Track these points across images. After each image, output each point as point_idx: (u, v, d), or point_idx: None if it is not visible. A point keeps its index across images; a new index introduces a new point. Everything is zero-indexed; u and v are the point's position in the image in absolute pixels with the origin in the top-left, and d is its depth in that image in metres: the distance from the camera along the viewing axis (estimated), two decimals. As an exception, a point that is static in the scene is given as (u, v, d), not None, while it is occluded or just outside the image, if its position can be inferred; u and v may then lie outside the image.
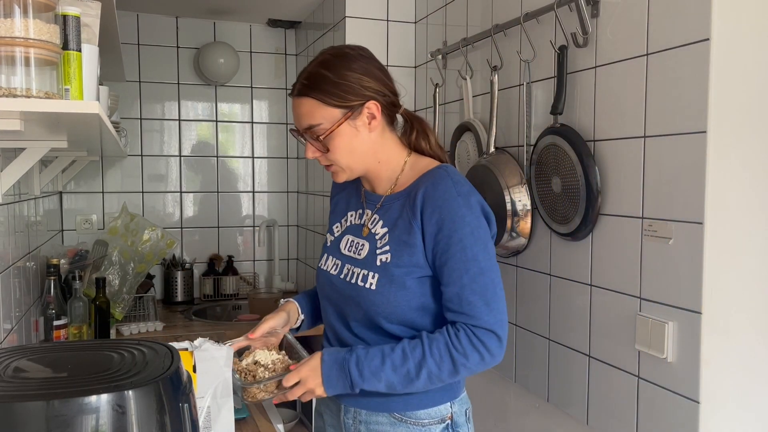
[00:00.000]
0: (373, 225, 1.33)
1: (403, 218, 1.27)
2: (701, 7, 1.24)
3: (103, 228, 3.08)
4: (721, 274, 1.26)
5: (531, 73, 1.78)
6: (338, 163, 1.29)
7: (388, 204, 1.32)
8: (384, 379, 1.21)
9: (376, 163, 1.32)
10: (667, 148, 1.33)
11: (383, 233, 1.30)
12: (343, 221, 1.41)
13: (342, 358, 1.24)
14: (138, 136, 3.16)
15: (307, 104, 1.26)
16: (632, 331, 1.43)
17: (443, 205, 1.22)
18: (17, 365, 0.85)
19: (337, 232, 1.41)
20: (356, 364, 1.22)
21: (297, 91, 1.27)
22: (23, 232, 1.94)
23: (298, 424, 2.92)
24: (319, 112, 1.25)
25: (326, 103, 1.24)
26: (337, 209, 1.45)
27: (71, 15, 1.02)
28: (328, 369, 1.24)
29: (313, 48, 3.05)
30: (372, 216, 1.34)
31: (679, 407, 1.31)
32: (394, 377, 1.21)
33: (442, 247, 1.22)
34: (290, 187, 3.44)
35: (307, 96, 1.25)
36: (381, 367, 1.21)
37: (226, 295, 3.22)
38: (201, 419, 1.19)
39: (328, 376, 1.23)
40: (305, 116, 1.26)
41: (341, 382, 1.23)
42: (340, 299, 1.35)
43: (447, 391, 1.32)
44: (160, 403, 0.80)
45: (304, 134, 1.28)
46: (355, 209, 1.40)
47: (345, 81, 1.24)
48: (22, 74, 0.94)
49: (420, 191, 1.25)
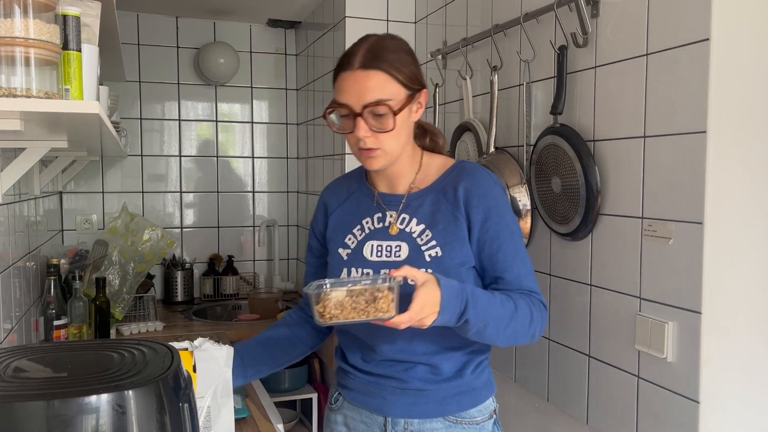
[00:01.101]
0: (404, 224, 1.29)
1: (443, 212, 1.26)
2: (701, 7, 1.24)
3: (103, 228, 3.08)
4: (721, 274, 1.26)
5: (531, 73, 1.78)
6: (387, 147, 1.23)
7: (415, 202, 1.29)
8: (492, 311, 1.16)
9: (405, 156, 1.29)
10: (667, 148, 1.33)
11: (421, 230, 1.26)
12: (356, 231, 1.33)
13: (458, 284, 1.13)
14: (138, 136, 3.16)
15: (376, 77, 1.19)
16: (632, 331, 1.43)
17: (487, 194, 1.25)
18: (17, 365, 0.85)
19: (352, 243, 1.33)
20: (472, 292, 1.14)
21: (365, 63, 1.20)
22: (23, 232, 1.94)
23: (298, 424, 2.92)
24: (389, 88, 1.20)
25: (397, 81, 1.20)
26: (342, 222, 1.37)
27: (71, 15, 1.02)
28: (448, 294, 1.10)
29: (313, 48, 3.05)
30: (399, 216, 1.30)
31: (678, 407, 1.31)
32: (501, 311, 1.17)
33: (492, 234, 1.24)
34: (290, 187, 3.44)
35: (379, 69, 1.19)
36: (491, 300, 1.17)
37: (226, 295, 3.22)
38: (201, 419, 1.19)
39: (447, 299, 1.09)
40: (374, 89, 1.19)
41: (456, 310, 1.11)
42: None
43: (490, 386, 1.35)
44: (160, 403, 0.80)
45: (363, 111, 1.19)
46: (371, 215, 1.33)
47: (410, 64, 1.23)
48: (22, 74, 0.94)
49: (460, 185, 1.26)
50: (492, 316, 1.16)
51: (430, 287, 1.08)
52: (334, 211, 1.40)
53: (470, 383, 1.31)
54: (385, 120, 1.20)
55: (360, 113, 1.20)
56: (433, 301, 1.08)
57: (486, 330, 1.16)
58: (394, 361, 1.29)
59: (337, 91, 1.24)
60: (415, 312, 1.06)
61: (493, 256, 1.24)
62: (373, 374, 1.32)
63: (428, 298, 1.07)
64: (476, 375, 1.32)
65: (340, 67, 1.23)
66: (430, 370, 1.29)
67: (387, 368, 1.31)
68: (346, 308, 1.04)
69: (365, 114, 1.20)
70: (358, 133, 1.21)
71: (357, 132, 1.21)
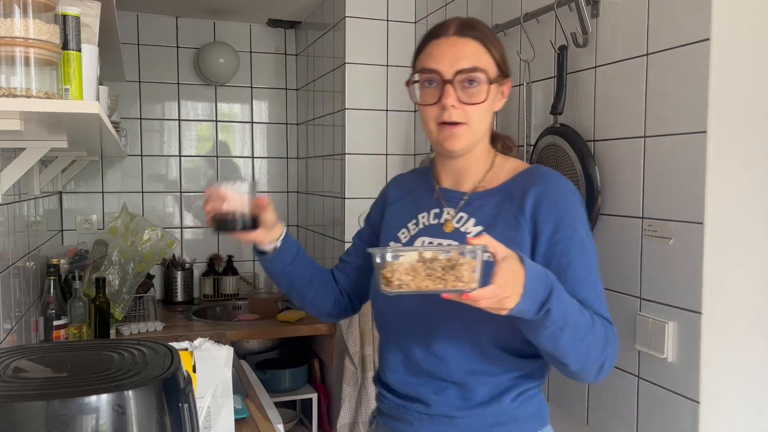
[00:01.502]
0: (461, 222, 1.18)
1: (504, 215, 1.15)
2: (701, 7, 1.24)
3: (103, 228, 3.08)
4: (721, 274, 1.26)
5: (531, 73, 1.78)
6: (473, 122, 1.13)
7: (478, 201, 1.19)
8: (571, 314, 1.00)
9: (480, 148, 1.20)
10: (667, 148, 1.33)
11: (477, 232, 1.15)
12: (410, 225, 1.25)
13: (540, 267, 0.98)
14: (138, 136, 3.16)
15: (473, 45, 1.13)
16: (632, 331, 1.43)
17: (560, 202, 1.11)
18: (17, 365, 0.85)
19: (404, 237, 1.24)
20: (555, 280, 0.98)
21: (461, 31, 1.13)
22: (23, 232, 1.94)
23: (298, 424, 2.92)
24: (484, 60, 1.13)
25: (491, 55, 1.14)
26: (399, 215, 1.28)
27: (71, 15, 1.02)
28: (532, 275, 0.94)
29: (313, 48, 3.05)
30: (457, 214, 1.19)
31: (679, 407, 1.31)
32: (580, 318, 1.01)
33: (562, 248, 1.09)
34: (290, 187, 3.44)
35: (476, 40, 1.13)
36: (571, 301, 1.01)
37: (226, 295, 3.22)
38: (201, 419, 1.19)
39: (532, 281, 0.93)
40: (470, 56, 1.12)
41: (539, 296, 0.95)
42: (422, 313, 1.16)
43: (539, 418, 1.19)
44: (160, 403, 0.80)
45: (454, 78, 1.11)
46: (428, 210, 1.24)
47: (501, 47, 1.17)
48: (22, 74, 0.94)
49: (531, 189, 1.13)
50: (571, 319, 1.00)
51: (513, 262, 0.92)
52: (394, 203, 1.32)
53: (510, 412, 1.14)
54: (478, 91, 1.11)
55: (451, 80, 1.11)
56: (517, 280, 0.92)
57: (563, 334, 0.99)
58: (425, 378, 1.17)
59: (426, 57, 1.15)
60: (499, 286, 0.89)
61: (561, 272, 1.07)
62: (401, 395, 1.21)
63: (512, 274, 0.91)
64: (519, 403, 1.15)
65: (431, 35, 1.16)
66: (461, 394, 1.14)
67: (415, 388, 1.18)
68: (419, 275, 0.88)
69: (456, 82, 1.11)
70: (445, 101, 1.10)
71: (445, 99, 1.10)
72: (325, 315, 1.40)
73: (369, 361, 2.46)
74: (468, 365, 1.13)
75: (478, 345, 1.11)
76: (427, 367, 1.16)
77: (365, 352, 2.46)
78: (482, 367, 1.13)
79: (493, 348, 1.11)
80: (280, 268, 1.30)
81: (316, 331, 2.76)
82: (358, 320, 2.47)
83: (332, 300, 1.38)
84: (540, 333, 0.99)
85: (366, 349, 2.46)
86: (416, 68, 1.17)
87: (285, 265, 1.30)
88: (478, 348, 1.12)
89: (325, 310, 1.39)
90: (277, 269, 1.30)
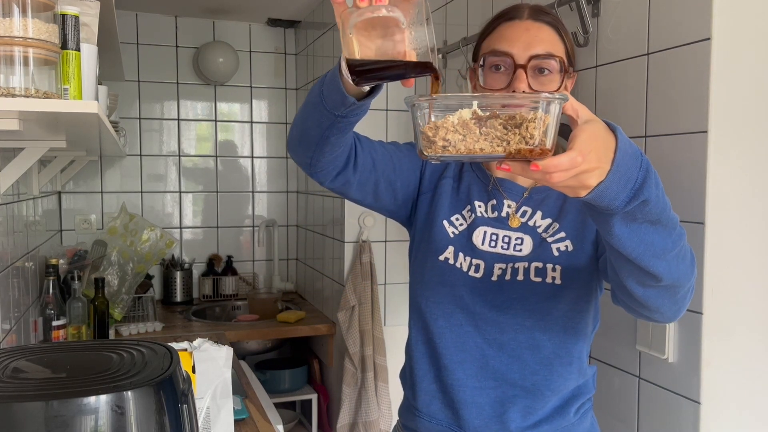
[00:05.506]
0: (526, 217, 1.12)
1: (572, 202, 1.09)
2: (702, 7, 1.24)
3: (102, 228, 3.08)
4: (721, 274, 1.26)
5: (531, 73, 1.78)
6: None
7: (539, 195, 1.13)
8: (664, 203, 0.81)
9: None
10: (668, 148, 1.33)
11: (547, 224, 1.10)
12: (466, 212, 1.16)
13: (636, 147, 0.76)
14: (137, 135, 3.16)
15: (548, 31, 1.08)
16: (633, 332, 1.42)
17: None
18: (16, 366, 0.85)
19: (460, 225, 1.15)
20: (651, 166, 0.77)
21: (536, 16, 1.08)
22: (22, 232, 1.94)
23: (297, 425, 2.92)
24: (558, 47, 1.08)
25: (564, 45, 1.09)
26: (452, 194, 1.18)
27: (70, 14, 1.01)
28: (624, 146, 0.73)
29: (312, 47, 3.05)
30: (519, 207, 1.13)
31: (680, 408, 1.31)
32: (674, 217, 0.85)
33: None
34: (290, 187, 3.43)
35: (551, 26, 1.08)
36: (665, 194, 0.83)
37: (226, 295, 3.22)
38: (200, 420, 1.19)
39: (624, 153, 0.73)
40: (545, 41, 1.06)
41: (631, 177, 0.74)
42: (489, 306, 1.10)
43: None
44: (159, 403, 0.80)
45: (528, 62, 1.05)
46: (484, 200, 1.15)
47: (570, 40, 1.12)
48: (21, 74, 0.93)
49: None
50: (667, 213, 0.81)
51: (599, 126, 0.73)
52: (440, 178, 1.19)
53: (572, 428, 1.13)
54: (550, 80, 1.06)
55: (524, 65, 1.05)
56: (605, 150, 0.71)
57: (657, 229, 0.80)
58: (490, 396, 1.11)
59: (497, 39, 1.08)
60: (581, 152, 0.68)
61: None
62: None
63: (598, 141, 0.71)
64: (580, 417, 1.13)
65: (503, 17, 1.09)
66: (524, 408, 1.10)
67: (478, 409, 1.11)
68: (473, 133, 0.66)
69: (528, 68, 1.05)
70: (517, 85, 1.04)
71: (517, 84, 1.04)
72: (341, 158, 1.09)
73: (369, 361, 2.45)
74: (527, 354, 1.09)
75: (549, 327, 1.08)
76: (486, 363, 1.11)
77: (365, 353, 2.46)
78: (541, 354, 1.09)
79: (557, 323, 1.07)
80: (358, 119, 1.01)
81: (316, 332, 2.75)
82: (359, 321, 2.47)
83: (343, 149, 1.08)
84: (627, 227, 0.79)
85: (366, 349, 2.46)
86: (483, 50, 1.10)
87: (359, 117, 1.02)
88: (548, 326, 1.08)
89: (340, 155, 1.08)
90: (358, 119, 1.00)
